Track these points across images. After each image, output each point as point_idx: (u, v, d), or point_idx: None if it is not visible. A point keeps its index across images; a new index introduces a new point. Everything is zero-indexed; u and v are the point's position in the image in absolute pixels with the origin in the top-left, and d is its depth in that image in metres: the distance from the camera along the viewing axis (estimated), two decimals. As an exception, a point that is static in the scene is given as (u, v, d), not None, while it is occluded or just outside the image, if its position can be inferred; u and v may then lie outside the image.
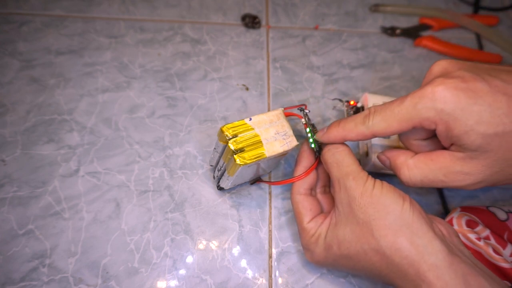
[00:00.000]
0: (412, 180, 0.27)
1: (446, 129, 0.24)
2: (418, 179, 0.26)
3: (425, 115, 0.24)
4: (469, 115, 0.23)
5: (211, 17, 0.49)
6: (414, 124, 0.25)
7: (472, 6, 0.57)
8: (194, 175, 0.37)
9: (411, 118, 0.25)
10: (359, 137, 0.27)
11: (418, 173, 0.26)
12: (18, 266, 0.31)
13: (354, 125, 0.27)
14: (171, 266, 0.32)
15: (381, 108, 0.26)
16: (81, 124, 0.38)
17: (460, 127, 0.23)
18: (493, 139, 0.23)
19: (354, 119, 0.27)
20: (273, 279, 0.32)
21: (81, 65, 0.43)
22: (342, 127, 0.28)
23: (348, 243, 0.26)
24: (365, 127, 0.27)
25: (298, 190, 0.31)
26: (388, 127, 0.26)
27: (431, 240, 0.23)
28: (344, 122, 0.28)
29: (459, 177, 0.25)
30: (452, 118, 0.23)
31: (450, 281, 0.22)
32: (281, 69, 0.46)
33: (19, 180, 0.34)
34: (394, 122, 0.25)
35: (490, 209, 0.33)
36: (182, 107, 0.41)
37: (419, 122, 0.24)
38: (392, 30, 0.51)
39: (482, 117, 0.23)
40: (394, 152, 0.29)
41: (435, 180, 0.26)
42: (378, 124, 0.26)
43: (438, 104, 0.23)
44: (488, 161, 0.24)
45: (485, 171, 0.24)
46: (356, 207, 0.25)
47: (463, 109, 0.23)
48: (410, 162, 0.27)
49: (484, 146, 0.23)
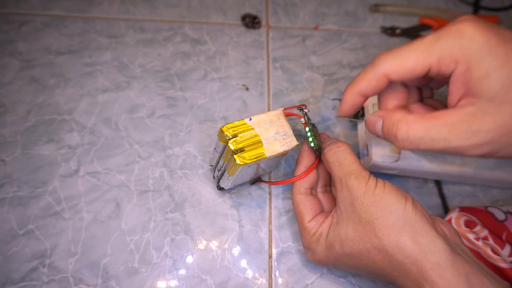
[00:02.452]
0: (410, 138, 0.24)
1: (466, 70, 0.22)
2: (417, 136, 0.24)
3: (448, 51, 0.22)
4: (494, 57, 0.21)
5: (211, 17, 0.49)
6: (432, 61, 0.23)
7: (472, 6, 0.57)
8: (194, 175, 0.37)
9: (431, 53, 0.23)
10: (373, 83, 0.25)
11: (419, 129, 0.24)
12: (18, 266, 0.31)
13: (364, 72, 0.26)
14: (171, 266, 0.32)
15: (392, 49, 0.25)
16: (81, 124, 0.38)
17: (482, 69, 0.21)
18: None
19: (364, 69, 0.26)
20: (273, 279, 0.32)
21: (81, 65, 0.43)
22: (352, 83, 0.26)
23: (351, 242, 0.26)
24: (375, 69, 0.25)
25: (298, 189, 0.31)
26: (403, 63, 0.24)
27: (433, 239, 0.23)
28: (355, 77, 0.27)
29: (465, 134, 0.22)
30: (477, 57, 0.21)
31: (452, 279, 0.22)
32: (281, 69, 0.46)
33: (19, 180, 0.34)
34: (411, 57, 0.23)
35: (489, 209, 0.33)
36: (182, 107, 0.41)
37: (438, 59, 0.22)
38: (392, 30, 0.51)
39: (507, 61, 0.21)
40: (388, 111, 0.26)
41: (437, 137, 0.23)
42: (392, 61, 0.24)
43: (464, 40, 0.22)
44: (501, 117, 0.22)
45: (495, 130, 0.22)
46: (358, 206, 0.25)
47: (490, 49, 0.21)
48: (409, 118, 0.24)
49: (502, 95, 0.21)
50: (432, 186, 0.39)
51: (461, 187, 0.39)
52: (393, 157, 0.34)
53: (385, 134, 0.26)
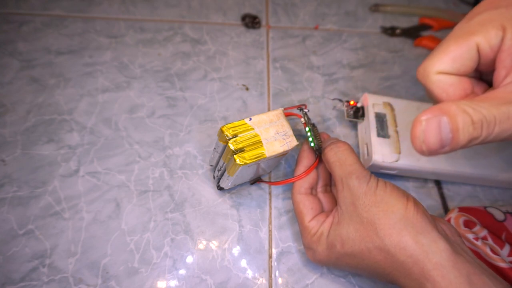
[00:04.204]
0: (488, 118, 0.19)
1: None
2: (492, 115, 0.19)
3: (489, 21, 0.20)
4: None
5: (211, 17, 0.49)
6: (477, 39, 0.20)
7: (472, 6, 0.57)
8: (194, 175, 0.37)
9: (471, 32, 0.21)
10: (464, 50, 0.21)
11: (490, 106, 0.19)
12: (18, 266, 0.31)
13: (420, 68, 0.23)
14: (171, 266, 0.32)
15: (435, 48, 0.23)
16: (81, 124, 0.38)
17: None
18: None
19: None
20: (273, 279, 0.32)
21: (81, 65, 0.43)
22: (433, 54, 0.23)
23: (352, 242, 0.26)
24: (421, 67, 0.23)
25: (299, 189, 0.31)
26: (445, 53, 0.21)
27: (435, 239, 0.23)
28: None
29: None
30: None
31: (454, 279, 0.22)
32: (281, 69, 0.46)
33: (19, 180, 0.34)
34: (450, 45, 0.21)
35: (488, 209, 0.33)
36: (182, 107, 0.41)
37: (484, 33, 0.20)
38: (392, 30, 0.51)
39: None
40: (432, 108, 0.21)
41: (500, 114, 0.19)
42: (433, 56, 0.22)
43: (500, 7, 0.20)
44: None
45: None
46: (360, 206, 0.25)
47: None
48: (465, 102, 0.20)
49: None
50: (432, 186, 0.39)
51: (461, 187, 0.39)
52: (393, 157, 0.34)
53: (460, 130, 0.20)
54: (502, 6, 0.20)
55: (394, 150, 0.35)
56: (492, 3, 0.21)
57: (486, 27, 0.20)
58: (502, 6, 0.20)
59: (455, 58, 0.21)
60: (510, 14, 0.20)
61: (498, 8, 0.20)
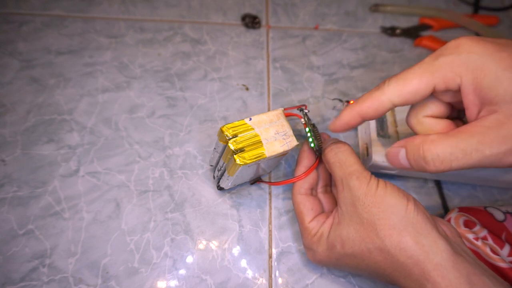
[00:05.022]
0: (441, 156, 0.22)
1: (474, 80, 0.21)
2: (447, 152, 0.22)
3: (448, 66, 0.22)
4: (498, 59, 0.21)
5: (211, 17, 0.49)
6: (435, 80, 0.22)
7: (472, 6, 0.57)
8: (194, 175, 0.37)
9: (433, 73, 0.22)
10: (375, 105, 0.25)
11: (447, 145, 0.22)
12: (18, 266, 0.31)
13: (368, 93, 0.25)
14: (171, 266, 0.32)
15: (397, 74, 0.24)
16: (81, 124, 0.38)
17: (490, 74, 0.21)
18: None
19: (369, 91, 0.26)
20: (273, 279, 0.32)
21: (81, 65, 0.43)
22: (355, 102, 0.26)
23: (352, 242, 0.26)
24: (380, 92, 0.25)
25: (299, 190, 0.31)
26: (406, 85, 0.23)
27: (435, 240, 0.23)
28: (359, 98, 0.26)
29: (497, 140, 0.21)
30: (480, 64, 0.21)
31: (454, 280, 0.22)
32: (281, 69, 0.46)
33: (19, 180, 0.34)
34: (413, 79, 0.23)
35: (488, 209, 0.33)
36: (182, 107, 0.41)
37: (442, 76, 0.22)
38: (392, 30, 0.51)
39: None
40: (406, 139, 0.25)
41: (468, 150, 0.21)
42: (395, 85, 0.24)
43: (462, 53, 0.22)
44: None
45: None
46: (360, 206, 0.25)
47: (491, 54, 0.21)
48: (432, 137, 0.23)
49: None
50: (432, 186, 0.39)
51: (461, 187, 0.39)
52: (393, 157, 0.34)
53: (412, 161, 0.24)
54: (464, 52, 0.22)
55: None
56: (456, 48, 0.22)
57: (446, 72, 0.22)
58: (463, 52, 0.22)
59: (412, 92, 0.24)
60: (469, 61, 0.22)
61: (460, 54, 0.22)
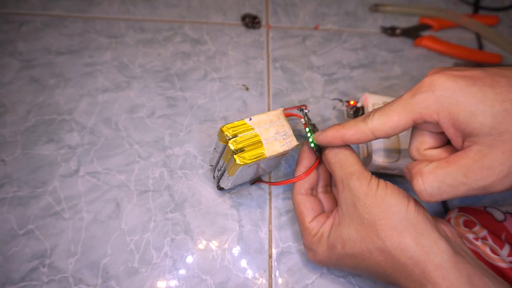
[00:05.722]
0: (428, 191, 0.23)
1: (450, 116, 0.22)
2: (434, 187, 0.23)
3: (424, 105, 0.23)
4: (470, 95, 0.21)
5: (211, 17, 0.49)
6: (414, 116, 0.24)
7: (472, 6, 0.57)
8: (194, 175, 0.37)
9: (411, 110, 0.24)
10: (358, 135, 0.26)
11: (434, 180, 0.23)
12: (18, 266, 0.31)
13: (354, 123, 0.26)
14: (171, 266, 0.32)
15: (380, 107, 0.26)
16: (81, 124, 0.38)
17: (465, 109, 0.22)
18: (504, 116, 0.21)
19: (355, 119, 0.27)
20: (273, 279, 0.32)
21: (81, 65, 0.43)
22: (342, 126, 0.27)
23: (353, 242, 0.26)
24: (364, 123, 0.26)
25: (299, 190, 0.31)
26: (387, 121, 0.25)
27: (436, 240, 0.23)
28: (345, 122, 0.28)
29: (482, 173, 0.21)
30: (454, 101, 0.22)
31: (455, 281, 0.22)
32: (281, 69, 0.46)
33: (19, 180, 0.34)
34: (393, 116, 0.24)
35: (488, 209, 0.33)
36: (182, 107, 0.41)
37: (419, 113, 0.23)
38: (392, 30, 0.51)
39: (485, 95, 0.21)
40: (413, 162, 0.26)
41: (455, 184, 0.22)
42: (377, 119, 0.25)
43: (436, 91, 0.23)
44: (507, 146, 0.21)
45: (509, 160, 0.21)
46: (360, 207, 0.25)
47: (462, 90, 0.22)
48: (425, 169, 0.24)
49: (497, 125, 0.21)
50: (432, 186, 0.39)
51: (461, 187, 0.39)
52: (393, 157, 0.34)
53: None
54: (437, 90, 0.23)
55: (394, 150, 0.35)
56: (430, 85, 0.23)
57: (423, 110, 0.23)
58: (437, 90, 0.23)
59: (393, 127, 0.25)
60: (443, 99, 0.22)
61: (434, 92, 0.23)
